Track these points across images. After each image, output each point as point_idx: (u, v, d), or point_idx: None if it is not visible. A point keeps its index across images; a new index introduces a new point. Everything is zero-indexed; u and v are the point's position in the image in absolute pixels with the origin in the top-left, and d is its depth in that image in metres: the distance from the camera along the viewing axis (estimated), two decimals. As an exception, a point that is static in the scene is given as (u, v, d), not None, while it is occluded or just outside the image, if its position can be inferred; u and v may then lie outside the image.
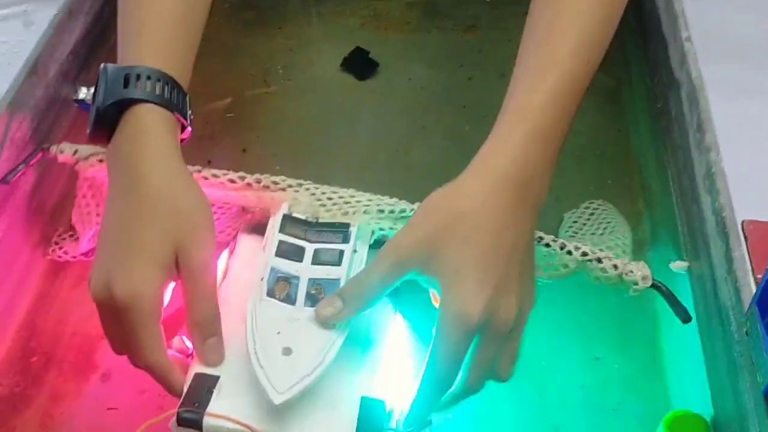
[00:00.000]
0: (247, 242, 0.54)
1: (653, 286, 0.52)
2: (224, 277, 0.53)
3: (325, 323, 0.46)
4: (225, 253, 0.56)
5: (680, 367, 0.56)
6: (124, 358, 0.55)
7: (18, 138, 0.59)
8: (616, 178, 0.69)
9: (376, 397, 0.46)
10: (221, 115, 0.73)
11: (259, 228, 0.55)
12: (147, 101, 0.49)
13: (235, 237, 0.56)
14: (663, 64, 0.68)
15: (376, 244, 0.53)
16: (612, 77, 0.77)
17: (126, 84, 0.49)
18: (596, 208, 0.62)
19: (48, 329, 0.59)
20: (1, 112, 0.57)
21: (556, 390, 0.55)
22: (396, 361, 0.52)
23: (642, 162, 0.70)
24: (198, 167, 0.54)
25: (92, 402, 0.54)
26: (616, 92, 0.76)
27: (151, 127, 0.50)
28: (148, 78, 0.50)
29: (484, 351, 0.45)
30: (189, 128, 0.53)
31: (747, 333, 0.46)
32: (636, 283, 0.52)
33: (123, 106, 0.50)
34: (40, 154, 0.56)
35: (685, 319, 0.52)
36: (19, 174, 0.56)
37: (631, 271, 0.52)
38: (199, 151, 0.57)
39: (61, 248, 0.62)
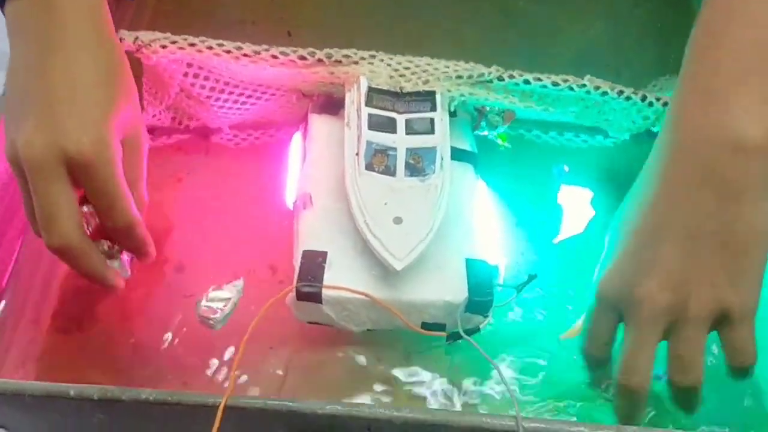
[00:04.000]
0: (320, 122, 0.53)
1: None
2: (304, 158, 0.52)
3: (427, 192, 0.46)
4: (297, 136, 0.55)
5: None
6: (197, 249, 0.54)
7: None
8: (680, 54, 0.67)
9: (478, 258, 0.47)
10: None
11: (327, 107, 0.54)
12: None
13: (305, 119, 0.54)
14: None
15: (454, 112, 0.52)
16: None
17: None
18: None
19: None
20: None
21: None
22: (486, 224, 0.53)
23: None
24: (265, 46, 0.52)
25: (169, 290, 0.53)
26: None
27: None
28: None
29: (643, 335, 0.42)
30: None
31: None
32: None
33: None
34: None
35: None
36: None
37: None
38: (242, 36, 0.54)
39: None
